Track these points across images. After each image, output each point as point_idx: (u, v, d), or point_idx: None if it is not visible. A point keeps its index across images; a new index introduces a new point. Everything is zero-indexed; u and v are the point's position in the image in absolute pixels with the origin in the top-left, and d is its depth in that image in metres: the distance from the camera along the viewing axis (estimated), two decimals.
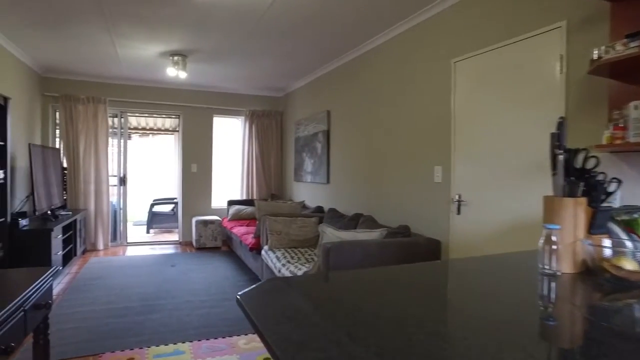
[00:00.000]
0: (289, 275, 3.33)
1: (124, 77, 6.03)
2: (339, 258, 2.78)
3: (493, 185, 2.79)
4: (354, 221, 3.90)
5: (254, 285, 1.16)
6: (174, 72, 4.87)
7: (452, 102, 3.15)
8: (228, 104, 6.88)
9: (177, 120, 9.39)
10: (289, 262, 3.57)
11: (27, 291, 1.56)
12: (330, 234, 2.94)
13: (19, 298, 1.47)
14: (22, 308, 1.51)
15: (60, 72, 5.80)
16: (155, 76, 5.94)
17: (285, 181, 6.97)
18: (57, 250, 4.22)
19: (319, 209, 4.94)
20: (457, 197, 3.09)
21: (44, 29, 4.01)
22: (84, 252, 5.79)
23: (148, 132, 10.40)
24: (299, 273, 3.16)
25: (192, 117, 6.69)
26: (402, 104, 3.76)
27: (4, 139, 3.71)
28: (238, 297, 1.06)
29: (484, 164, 2.87)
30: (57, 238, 4.21)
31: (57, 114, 6.04)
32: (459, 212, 3.09)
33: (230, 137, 8.36)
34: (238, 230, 5.48)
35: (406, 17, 3.59)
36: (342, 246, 2.81)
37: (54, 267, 1.88)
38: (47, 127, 5.96)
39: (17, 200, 4.65)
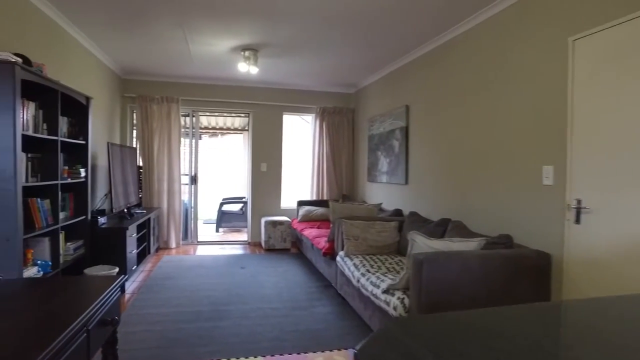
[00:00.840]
0: (370, 286, 2.98)
1: (196, 76, 6.03)
2: (434, 271, 2.38)
3: (632, 188, 2.24)
4: (440, 227, 3.47)
5: (370, 337, 0.83)
6: (245, 68, 4.72)
7: (570, 89, 2.62)
8: (298, 101, 6.67)
9: (246, 119, 9.40)
10: (368, 271, 3.22)
11: (91, 308, 1.35)
12: (422, 243, 2.55)
13: (81, 317, 1.26)
14: (85, 328, 1.30)
15: (137, 73, 5.92)
16: (225, 74, 5.87)
17: (357, 181, 6.63)
18: (131, 249, 4.22)
19: (397, 212, 4.54)
20: (575, 202, 2.56)
21: (121, 29, 4.00)
22: (157, 250, 5.85)
23: (217, 131, 10.56)
24: (382, 285, 2.80)
25: (262, 115, 6.56)
26: (500, 95, 3.26)
27: (86, 138, 3.73)
28: (356, 352, 0.73)
29: (617, 162, 2.32)
30: (131, 237, 4.20)
31: (134, 114, 6.18)
32: (578, 220, 2.55)
33: (299, 135, 8.20)
34: (309, 232, 5.23)
35: None
36: (437, 258, 2.41)
37: (120, 278, 1.68)
38: (125, 127, 6.12)
39: (97, 198, 4.75)
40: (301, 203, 6.40)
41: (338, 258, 3.86)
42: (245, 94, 6.46)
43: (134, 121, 6.24)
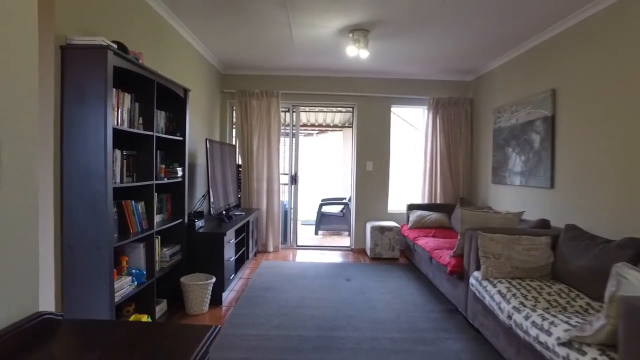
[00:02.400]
0: (532, 328, 2.17)
1: (297, 66, 5.59)
2: None
3: None
4: (627, 250, 2.50)
5: None
6: (354, 52, 4.11)
7: None
8: (408, 91, 5.91)
9: (346, 115, 8.87)
10: (523, 304, 2.40)
11: None
12: (636, 281, 1.69)
13: None
14: None
15: (237, 67, 5.66)
16: (328, 63, 5.33)
17: (478, 183, 5.67)
18: (229, 256, 3.85)
19: (543, 224, 3.58)
20: None
21: (222, 15, 3.64)
22: (255, 254, 5.53)
23: (316, 128, 10.19)
24: (559, 333, 1.98)
25: (368, 108, 5.92)
26: None
27: (183, 134, 3.42)
28: None
29: None
30: (230, 242, 3.84)
31: (234, 111, 5.96)
32: None
33: (407, 130, 7.43)
34: (425, 242, 4.47)
35: None
36: None
37: (212, 328, 1.14)
38: (225, 125, 5.91)
39: (195, 199, 4.51)
40: (412, 207, 5.64)
41: (472, 280, 3.06)
42: (349, 85, 5.87)
43: (234, 119, 6.02)
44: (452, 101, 5.78)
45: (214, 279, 3.43)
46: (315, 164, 11.65)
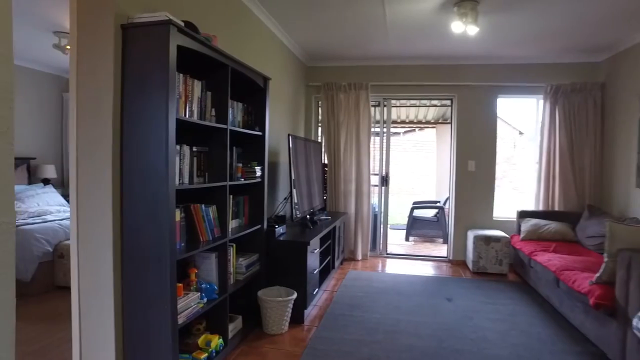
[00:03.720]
0: None
1: (389, 54, 4.99)
2: None
3: None
4: None
5: None
6: (461, 28, 3.42)
7: None
8: (518, 78, 4.99)
9: (441, 110, 8.05)
10: None
11: None
12: None
13: None
14: None
15: (323, 58, 5.22)
16: (425, 48, 4.66)
17: (613, 186, 4.58)
18: (313, 267, 3.39)
19: None
20: None
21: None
22: (342, 262, 5.04)
23: (406, 125, 9.46)
24: None
25: (470, 100, 5.11)
26: None
27: (262, 128, 3.04)
28: None
29: None
30: (314, 252, 3.38)
31: (320, 105, 5.54)
32: None
33: (503, 128, 6.43)
34: (546, 259, 3.61)
35: None
36: None
37: None
38: (310, 121, 5.51)
39: (276, 203, 4.14)
40: (524, 214, 4.74)
41: (636, 323, 2.23)
42: (449, 73, 5.12)
43: (319, 115, 5.60)
44: (576, 88, 4.75)
45: (295, 295, 2.99)
46: (403, 164, 10.90)
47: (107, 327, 1.95)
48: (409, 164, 11.23)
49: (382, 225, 5.52)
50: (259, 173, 3.00)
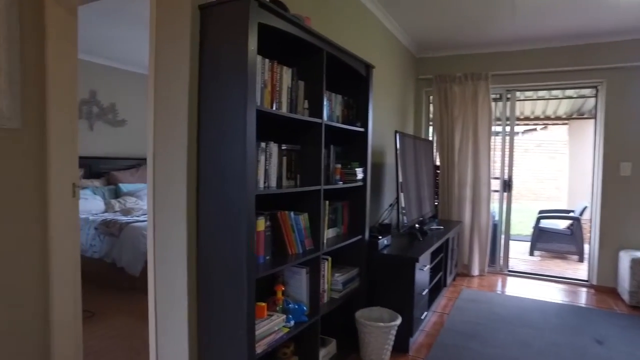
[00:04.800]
0: None
1: (514, 37, 4.21)
2: None
3: None
4: None
5: None
6: None
7: None
8: None
9: (577, 102, 6.83)
10: None
11: None
12: None
13: None
14: None
15: (435, 47, 4.63)
16: (561, 25, 3.81)
17: None
18: (422, 287, 2.88)
19: None
20: None
21: None
22: (454, 278, 4.40)
23: (530, 122, 8.27)
24: None
25: (626, 86, 4.08)
26: None
27: (365, 124, 2.63)
28: None
29: None
30: (424, 269, 2.87)
31: (431, 101, 4.95)
32: None
33: None
34: None
35: None
36: None
37: None
38: (421, 118, 4.96)
39: (380, 209, 3.69)
40: None
41: None
42: (593, 54, 4.16)
43: (430, 112, 5.02)
44: None
45: (399, 320, 2.51)
46: (523, 166, 9.63)
47: (181, 353, 1.72)
48: (531, 166, 9.92)
49: (502, 237, 4.73)
50: (360, 175, 2.59)
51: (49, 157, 2.14)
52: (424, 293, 2.89)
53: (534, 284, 4.34)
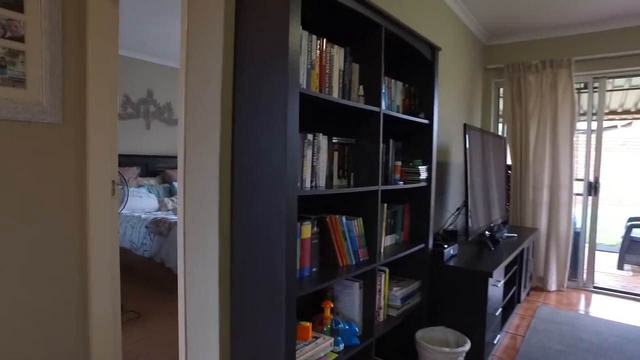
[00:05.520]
0: None
1: (602, 14, 3.63)
2: None
3: None
4: None
5: None
6: None
7: None
8: None
9: None
10: None
11: None
12: None
13: None
14: None
15: (507, 32, 4.14)
16: None
17: None
18: (495, 306, 2.47)
19: None
20: None
21: None
22: (528, 293, 3.88)
23: (618, 117, 7.36)
24: None
25: None
26: None
27: (430, 115, 2.28)
28: None
29: None
30: (497, 286, 2.45)
31: (501, 93, 4.46)
32: None
33: None
34: None
35: None
36: None
37: None
38: (489, 112, 4.47)
39: (444, 214, 3.30)
40: None
41: None
42: None
43: (500, 104, 4.52)
44: None
45: (468, 346, 2.14)
46: (606, 167, 8.61)
47: None
48: (615, 167, 8.88)
49: (586, 247, 4.13)
50: (424, 174, 2.25)
51: (88, 154, 2.03)
52: (497, 313, 2.47)
53: (626, 305, 3.72)
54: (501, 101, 4.49)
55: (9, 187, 1.71)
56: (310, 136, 1.55)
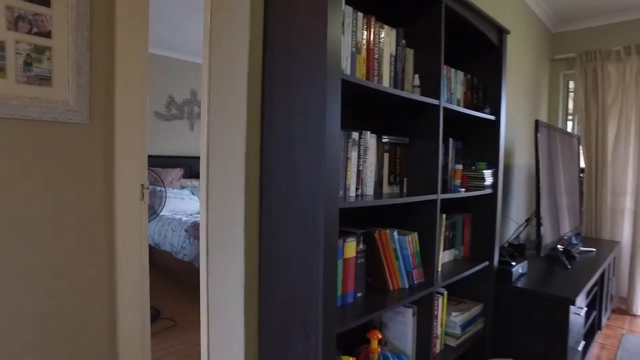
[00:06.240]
0: None
1: None
2: None
3: None
4: None
5: None
6: None
7: None
8: None
9: None
10: None
11: None
12: None
13: None
14: None
15: (579, 16, 3.64)
16: None
17: None
18: (576, 339, 2.06)
19: None
20: None
21: None
22: (608, 317, 3.37)
23: None
24: None
25: None
26: None
27: (496, 109, 1.94)
28: None
29: None
30: (579, 314, 2.05)
31: (571, 87, 3.96)
32: None
33: None
34: None
35: None
36: None
37: None
38: (556, 108, 3.98)
39: (509, 226, 2.91)
40: None
41: None
42: None
43: (569, 101, 4.01)
44: None
45: None
46: None
47: None
48: None
49: None
50: (489, 180, 1.91)
51: (116, 156, 1.89)
52: (579, 347, 2.07)
53: None
54: (571, 96, 3.99)
55: (33, 193, 1.60)
56: (355, 134, 1.28)
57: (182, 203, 4.62)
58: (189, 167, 5.25)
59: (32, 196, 1.59)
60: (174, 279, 4.00)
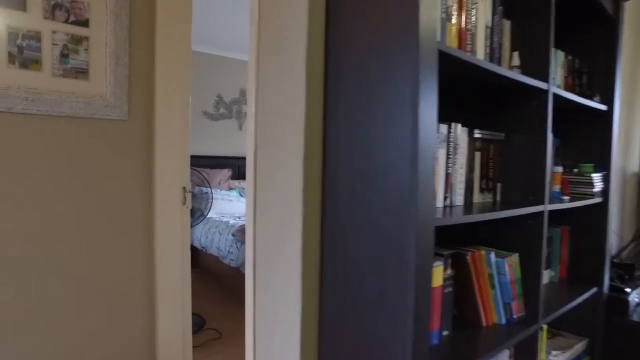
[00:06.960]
0: None
1: None
2: None
3: None
4: None
5: None
6: None
7: None
8: None
9: None
10: None
11: None
12: None
13: None
14: None
15: None
16: None
17: None
18: None
19: None
20: None
21: None
22: None
23: None
24: None
25: None
26: None
27: (608, 97, 1.56)
28: None
29: None
30: None
31: None
32: None
33: None
34: None
35: None
36: None
37: None
38: None
39: (612, 237, 2.45)
40: None
41: None
42: None
43: None
44: None
45: None
46: None
47: None
48: None
49: None
50: (598, 187, 1.53)
51: (156, 156, 1.70)
52: None
53: None
54: None
55: (70, 195, 1.44)
56: (443, 128, 0.99)
57: (230, 205, 4.47)
58: (237, 168, 5.12)
59: (65, 199, 1.44)
60: (221, 285, 3.84)
